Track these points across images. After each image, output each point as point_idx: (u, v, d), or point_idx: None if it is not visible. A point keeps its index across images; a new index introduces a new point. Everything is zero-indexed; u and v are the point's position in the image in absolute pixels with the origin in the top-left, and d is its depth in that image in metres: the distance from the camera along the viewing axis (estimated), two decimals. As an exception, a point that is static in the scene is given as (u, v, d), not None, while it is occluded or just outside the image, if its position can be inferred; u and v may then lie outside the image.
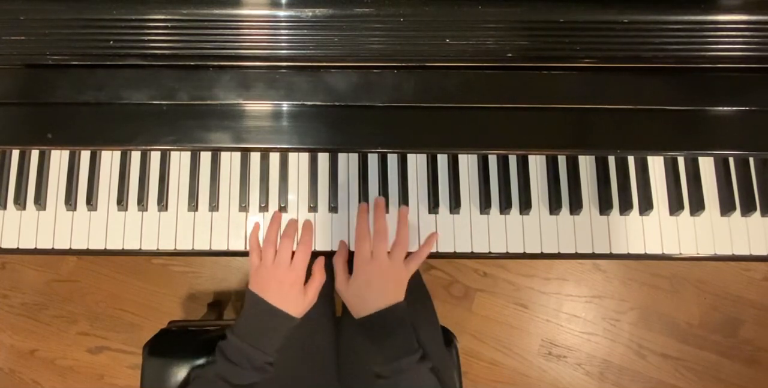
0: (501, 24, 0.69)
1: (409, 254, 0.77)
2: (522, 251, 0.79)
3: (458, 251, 0.79)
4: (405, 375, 0.69)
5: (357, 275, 0.74)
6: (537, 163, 0.81)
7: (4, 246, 0.78)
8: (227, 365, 0.68)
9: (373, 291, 0.72)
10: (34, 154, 0.80)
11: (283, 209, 0.79)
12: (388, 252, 0.75)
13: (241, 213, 0.79)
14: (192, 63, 0.71)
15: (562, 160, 0.80)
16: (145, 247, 0.78)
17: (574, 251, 0.79)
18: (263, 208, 0.79)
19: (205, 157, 0.80)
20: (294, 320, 0.73)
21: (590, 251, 0.79)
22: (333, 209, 0.79)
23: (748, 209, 0.78)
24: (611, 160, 0.81)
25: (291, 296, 0.73)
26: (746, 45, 0.69)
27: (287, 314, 0.72)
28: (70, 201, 0.78)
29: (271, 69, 0.71)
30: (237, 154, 0.80)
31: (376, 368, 0.70)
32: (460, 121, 0.72)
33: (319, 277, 0.77)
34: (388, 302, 0.72)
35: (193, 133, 0.71)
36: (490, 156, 0.80)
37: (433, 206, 0.79)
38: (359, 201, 0.79)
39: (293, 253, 0.75)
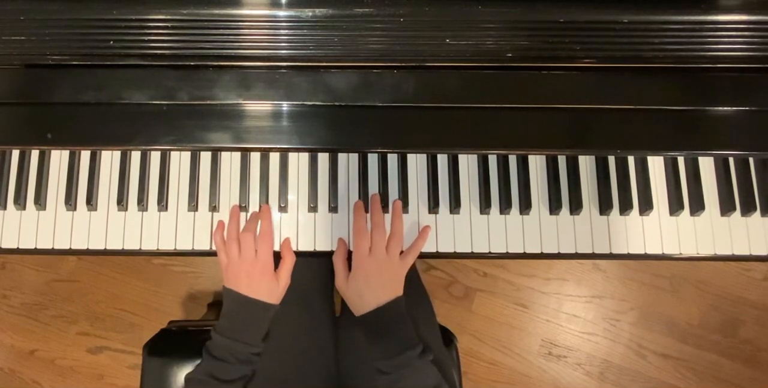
0: (501, 24, 0.69)
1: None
2: (522, 251, 0.79)
3: (458, 251, 0.79)
4: (407, 369, 0.69)
5: (355, 272, 0.74)
6: (537, 163, 0.81)
7: (4, 246, 0.78)
8: (214, 363, 0.70)
9: (372, 287, 0.73)
10: (34, 154, 0.80)
11: (283, 208, 0.79)
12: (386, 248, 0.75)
13: (241, 213, 0.79)
14: (192, 63, 0.71)
15: (562, 160, 0.80)
16: (145, 247, 0.78)
17: (574, 251, 0.79)
18: (263, 208, 0.79)
19: (205, 157, 0.80)
20: (271, 307, 0.74)
21: (590, 251, 0.79)
22: (333, 208, 0.79)
23: (748, 209, 0.78)
24: (611, 160, 0.80)
25: (263, 285, 0.74)
26: (746, 45, 0.69)
27: (264, 303, 0.73)
28: (70, 201, 0.78)
29: (271, 69, 0.71)
30: (237, 154, 0.80)
31: (378, 364, 0.70)
32: (460, 121, 0.72)
33: (288, 259, 0.77)
34: (387, 297, 0.72)
35: (193, 133, 0.71)
36: (490, 156, 0.80)
37: (433, 206, 0.79)
38: (359, 201, 0.79)
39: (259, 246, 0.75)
